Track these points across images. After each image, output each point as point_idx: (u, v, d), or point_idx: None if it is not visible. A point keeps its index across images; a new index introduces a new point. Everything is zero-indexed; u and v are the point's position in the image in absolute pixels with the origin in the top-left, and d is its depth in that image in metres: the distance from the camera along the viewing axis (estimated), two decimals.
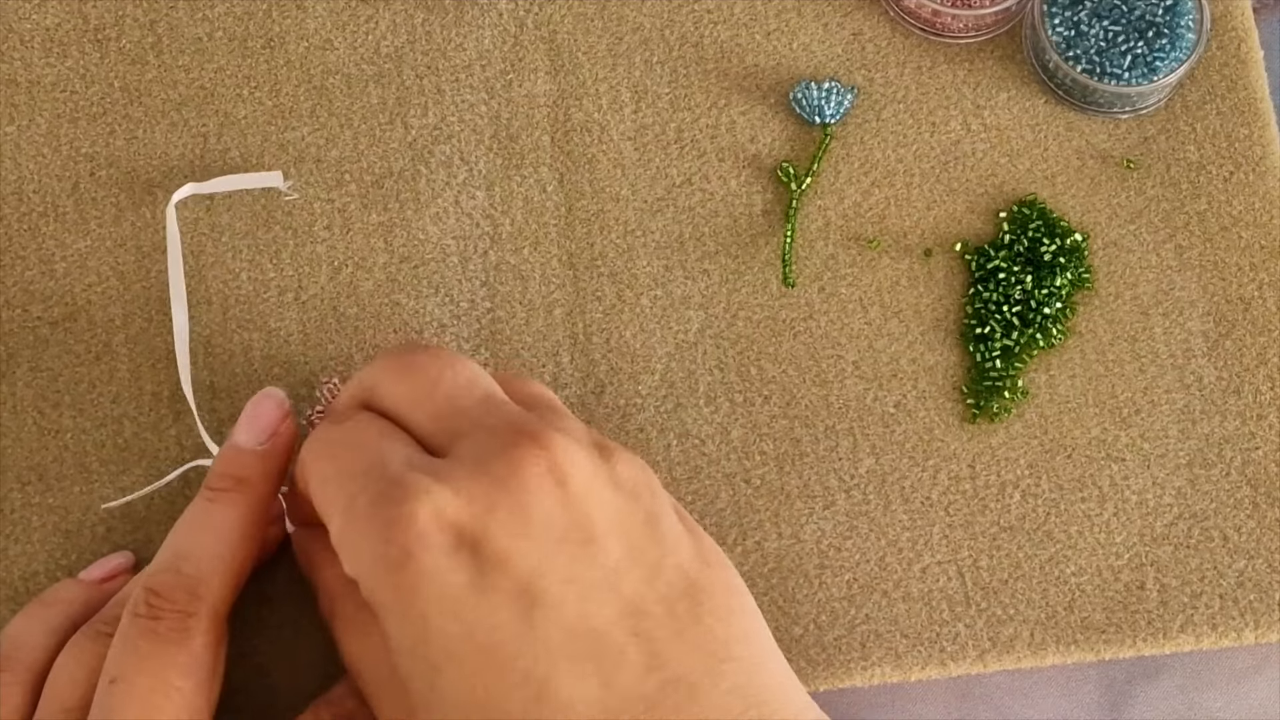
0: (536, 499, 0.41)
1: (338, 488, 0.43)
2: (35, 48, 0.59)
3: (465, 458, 0.42)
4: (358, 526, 0.41)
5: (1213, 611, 0.54)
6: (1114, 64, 0.57)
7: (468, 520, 0.41)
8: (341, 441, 0.44)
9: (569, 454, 0.42)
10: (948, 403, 0.56)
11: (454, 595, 0.40)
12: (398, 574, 0.40)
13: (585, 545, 0.41)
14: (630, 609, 0.41)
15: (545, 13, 0.60)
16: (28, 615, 0.50)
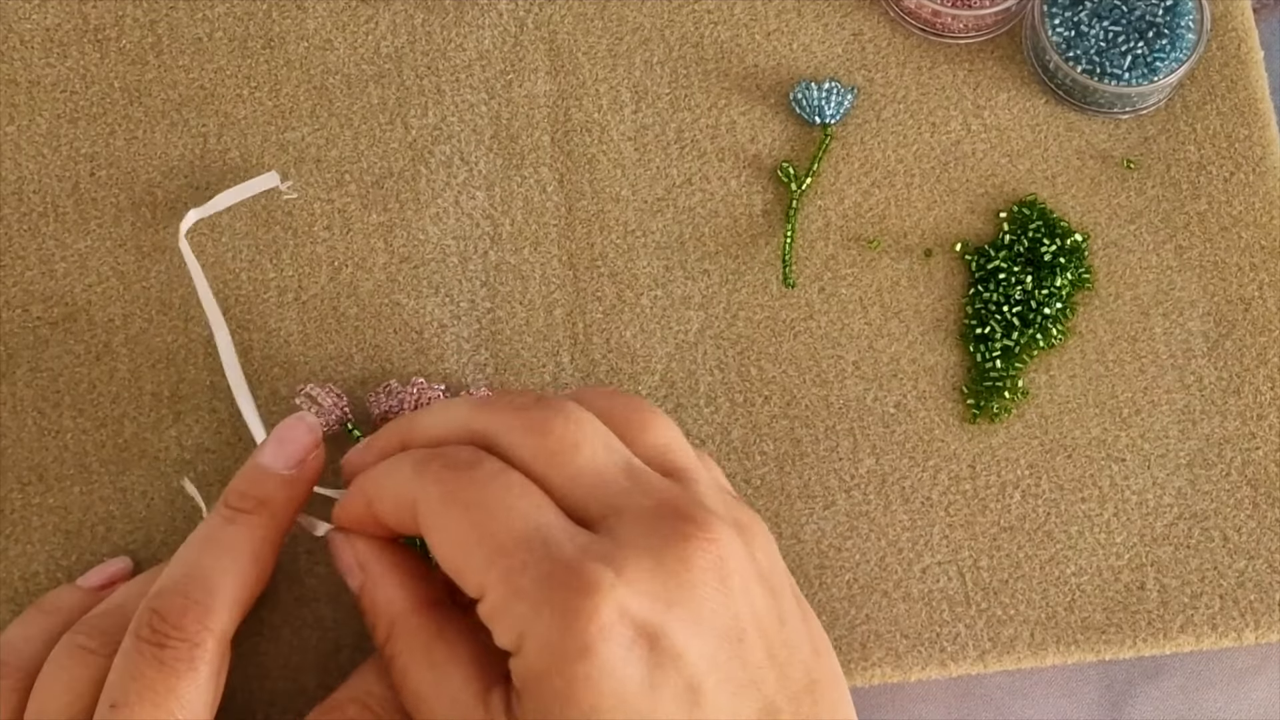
0: (705, 595, 0.41)
1: (488, 555, 0.42)
2: (35, 48, 0.59)
3: (636, 545, 0.41)
4: (527, 605, 0.41)
5: (1213, 612, 0.54)
6: (1114, 64, 0.57)
7: (648, 616, 0.41)
8: (481, 502, 0.43)
9: (730, 546, 0.42)
10: (948, 403, 0.56)
11: (627, 690, 0.40)
12: (575, 663, 0.40)
13: (738, 644, 0.42)
14: (768, 708, 0.42)
15: (545, 13, 0.60)
16: (25, 622, 0.49)
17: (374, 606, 0.46)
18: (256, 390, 0.55)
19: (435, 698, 0.44)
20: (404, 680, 0.45)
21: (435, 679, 0.44)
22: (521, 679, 0.41)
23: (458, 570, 0.42)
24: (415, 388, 0.54)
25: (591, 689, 0.40)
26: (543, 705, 0.41)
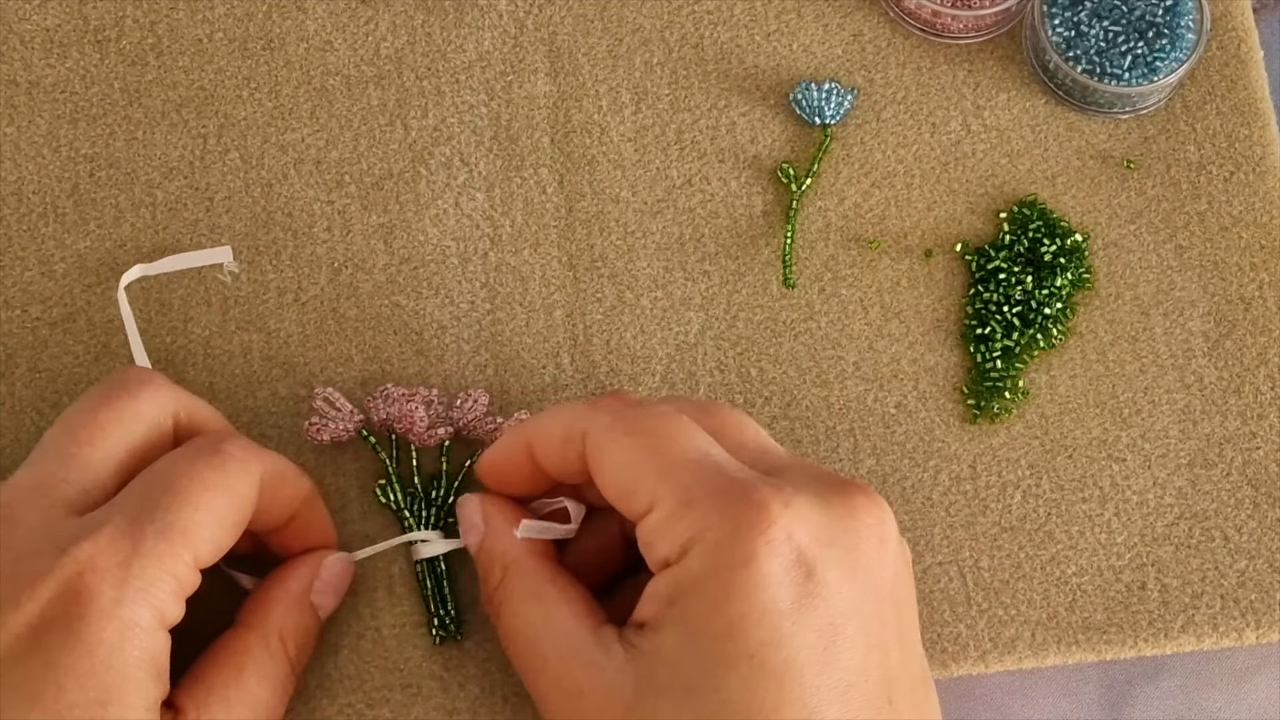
0: (864, 548, 0.44)
1: (660, 470, 0.44)
2: (35, 49, 0.59)
3: (804, 488, 0.44)
4: (699, 514, 0.43)
5: (1214, 612, 0.54)
6: (1114, 64, 0.57)
7: (809, 546, 0.43)
8: (654, 430, 0.45)
9: (890, 517, 0.45)
10: (948, 403, 0.56)
11: (776, 608, 0.42)
12: (736, 569, 0.42)
13: (879, 605, 0.44)
14: (886, 680, 0.43)
15: (545, 14, 0.60)
16: None
17: (491, 555, 0.49)
18: (256, 392, 0.55)
19: (546, 634, 0.46)
20: (514, 620, 0.47)
21: (546, 616, 0.46)
22: (674, 587, 0.43)
23: (627, 490, 0.45)
24: (414, 393, 0.54)
25: (744, 597, 0.42)
26: (690, 612, 0.43)
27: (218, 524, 0.45)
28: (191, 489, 0.45)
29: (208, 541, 0.45)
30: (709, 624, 0.42)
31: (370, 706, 0.52)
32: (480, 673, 0.53)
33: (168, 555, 0.44)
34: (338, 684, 0.52)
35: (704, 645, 0.42)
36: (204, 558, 0.45)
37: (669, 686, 0.43)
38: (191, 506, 0.45)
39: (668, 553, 0.44)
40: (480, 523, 0.50)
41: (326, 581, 0.51)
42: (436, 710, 0.52)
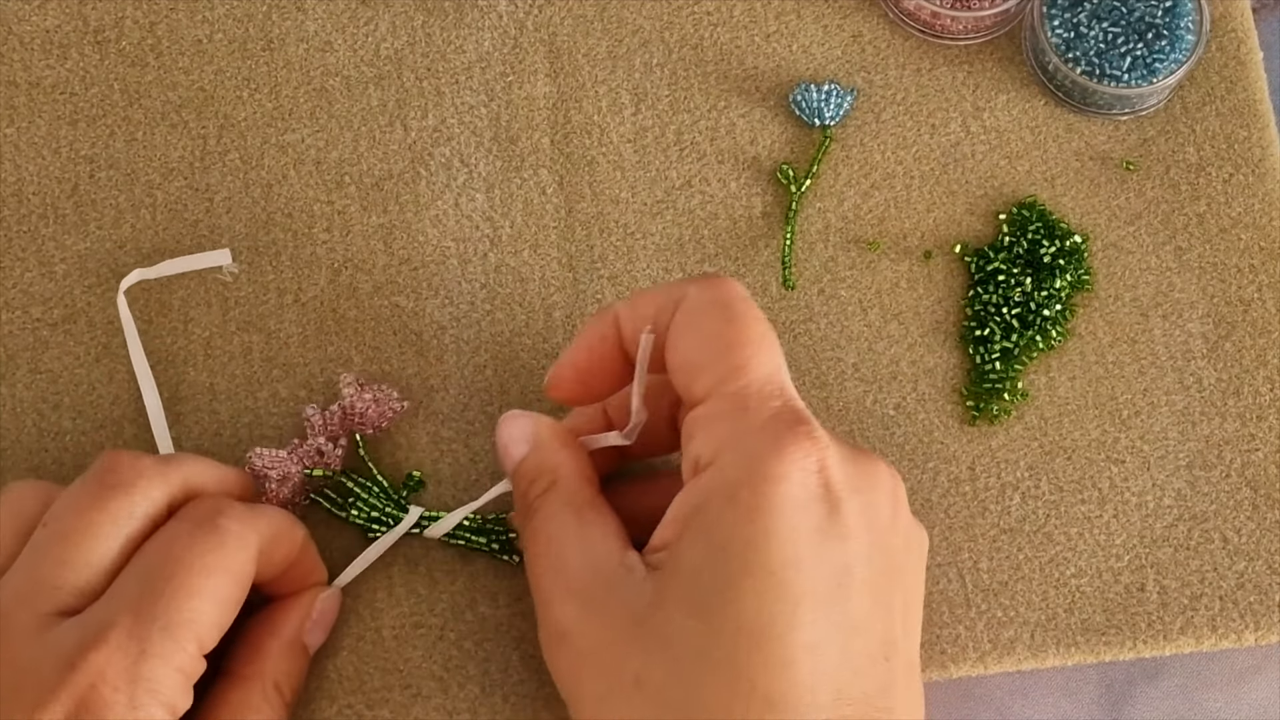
0: (881, 506, 0.46)
1: (732, 365, 0.45)
2: (35, 50, 0.59)
3: (837, 442, 0.45)
4: (747, 422, 0.44)
5: (1213, 613, 0.54)
6: (1113, 65, 0.57)
7: (838, 484, 0.44)
8: (742, 315, 0.46)
9: (904, 493, 0.47)
10: (947, 405, 0.56)
11: (799, 532, 0.43)
12: (770, 484, 0.43)
13: (889, 567, 0.45)
14: (888, 639, 0.45)
15: (545, 15, 0.60)
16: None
17: (540, 468, 0.49)
18: (257, 392, 0.55)
19: (576, 544, 0.47)
20: (548, 525, 0.48)
21: (581, 533, 0.47)
22: (702, 495, 0.44)
23: (695, 366, 0.46)
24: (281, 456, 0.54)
25: (774, 513, 0.43)
26: (717, 521, 0.43)
27: (220, 608, 0.45)
28: (191, 578, 0.45)
29: (212, 627, 0.45)
30: (736, 534, 0.43)
31: (370, 707, 0.52)
32: (480, 673, 0.53)
33: (174, 652, 0.44)
34: (337, 685, 0.52)
35: (726, 556, 0.43)
36: (207, 643, 0.45)
37: (684, 598, 0.43)
38: (195, 597, 0.44)
39: (702, 450, 0.45)
40: (526, 438, 0.50)
41: (318, 620, 0.51)
42: (436, 710, 0.52)
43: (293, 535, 0.49)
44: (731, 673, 0.42)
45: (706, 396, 0.45)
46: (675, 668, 0.43)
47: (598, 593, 0.45)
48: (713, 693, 0.42)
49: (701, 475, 0.45)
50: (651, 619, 0.44)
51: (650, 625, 0.44)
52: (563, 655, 0.46)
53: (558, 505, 0.48)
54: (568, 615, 0.46)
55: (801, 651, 0.42)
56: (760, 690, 0.42)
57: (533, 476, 0.49)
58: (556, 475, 0.49)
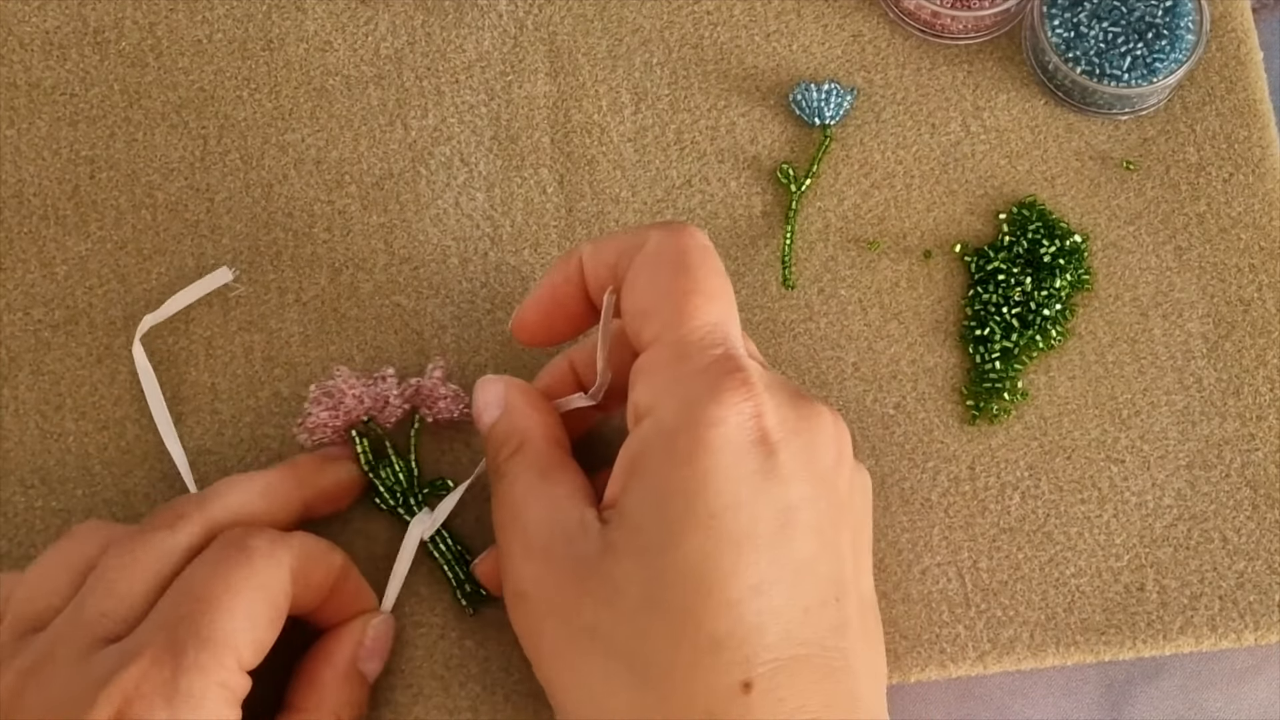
0: (823, 451, 0.46)
1: (680, 314, 0.46)
2: (35, 51, 0.59)
3: (776, 389, 0.46)
4: (688, 370, 0.45)
5: (1212, 613, 0.54)
6: (1113, 65, 0.57)
7: (775, 429, 0.44)
8: (698, 266, 0.46)
9: (848, 439, 0.48)
10: (947, 404, 0.56)
11: (739, 473, 0.44)
12: (707, 428, 0.44)
13: (834, 508, 0.46)
14: (839, 583, 0.45)
15: (545, 14, 0.60)
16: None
17: (509, 430, 0.49)
18: (258, 392, 0.55)
19: (539, 505, 0.47)
20: (514, 486, 0.48)
21: (545, 492, 0.47)
22: (642, 444, 0.45)
23: (645, 310, 0.46)
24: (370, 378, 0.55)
25: (711, 456, 0.43)
26: (655, 468, 0.44)
27: (255, 624, 0.45)
28: (223, 596, 0.45)
29: (248, 645, 0.45)
30: (673, 479, 0.44)
31: (372, 707, 0.52)
32: (481, 672, 0.53)
33: (211, 665, 0.43)
34: None
35: (666, 502, 0.44)
36: (247, 660, 0.45)
37: (630, 546, 0.44)
38: (227, 613, 0.44)
39: (641, 398, 0.45)
40: (499, 402, 0.50)
41: (371, 648, 0.51)
42: (438, 710, 0.52)
43: (329, 558, 0.49)
44: (678, 616, 0.43)
45: (656, 340, 0.46)
46: (624, 614, 0.43)
47: (556, 550, 0.46)
48: (661, 636, 0.43)
49: (641, 424, 0.45)
50: (600, 568, 0.44)
51: (600, 575, 0.44)
52: (522, 613, 0.47)
53: (523, 467, 0.48)
54: (527, 574, 0.46)
55: (746, 592, 0.43)
56: (706, 631, 0.42)
57: (501, 440, 0.49)
58: (524, 438, 0.49)
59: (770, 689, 0.43)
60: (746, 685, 0.43)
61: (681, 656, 0.43)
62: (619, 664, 0.43)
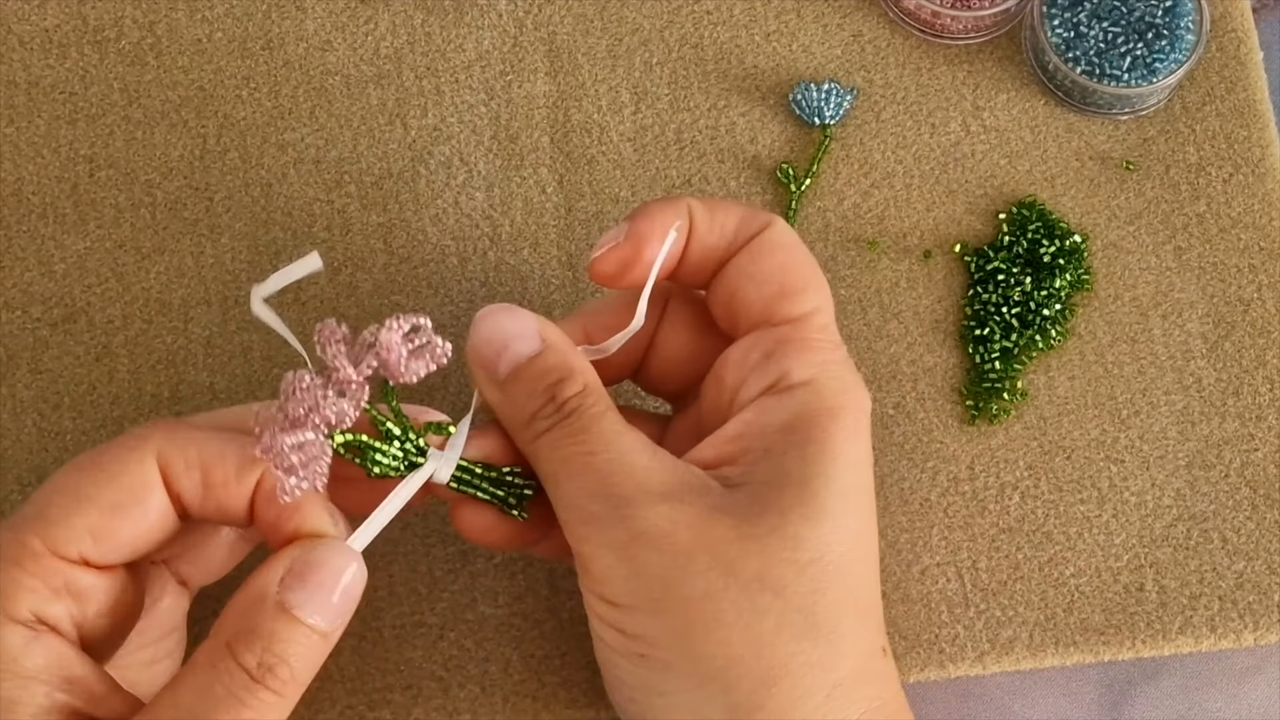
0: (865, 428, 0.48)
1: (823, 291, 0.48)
2: (34, 49, 0.59)
3: None
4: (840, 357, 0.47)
5: (1212, 613, 0.54)
6: (1113, 65, 0.57)
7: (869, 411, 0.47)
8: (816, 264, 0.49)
9: None
10: (947, 404, 0.56)
11: (866, 442, 0.47)
12: (864, 415, 0.46)
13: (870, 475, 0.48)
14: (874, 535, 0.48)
15: (545, 14, 0.60)
16: None
17: (564, 366, 0.45)
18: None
19: (646, 453, 0.44)
20: (598, 429, 0.44)
21: (642, 438, 0.45)
22: (803, 408, 0.45)
23: (796, 287, 0.47)
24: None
25: (865, 439, 0.46)
26: (827, 436, 0.44)
27: (87, 506, 0.40)
28: (58, 475, 0.41)
29: (75, 529, 0.40)
30: (847, 451, 0.45)
31: (371, 708, 0.52)
32: (480, 673, 0.53)
33: (11, 545, 0.39)
34: (338, 685, 0.52)
35: (841, 472, 0.44)
36: (73, 544, 0.40)
37: (797, 509, 0.44)
38: (50, 489, 0.41)
39: (794, 369, 0.45)
40: (534, 334, 0.45)
41: (297, 573, 0.41)
42: (437, 711, 0.52)
43: (232, 458, 0.43)
44: (849, 580, 0.44)
45: (814, 314, 0.47)
46: (803, 572, 0.43)
47: (689, 495, 0.44)
48: (834, 597, 0.44)
49: (794, 392, 0.45)
50: (765, 523, 0.43)
51: (767, 529, 0.43)
52: (654, 557, 0.43)
53: (605, 407, 0.45)
54: (661, 515, 0.43)
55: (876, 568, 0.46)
56: (865, 598, 0.45)
57: (559, 375, 0.45)
58: (586, 378, 0.45)
59: (892, 657, 0.46)
60: (884, 650, 0.45)
61: (847, 617, 0.44)
62: (797, 615, 0.43)
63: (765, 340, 0.46)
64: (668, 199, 0.47)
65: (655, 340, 0.49)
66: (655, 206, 0.47)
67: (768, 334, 0.46)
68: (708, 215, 0.47)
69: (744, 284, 0.47)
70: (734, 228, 0.47)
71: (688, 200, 0.47)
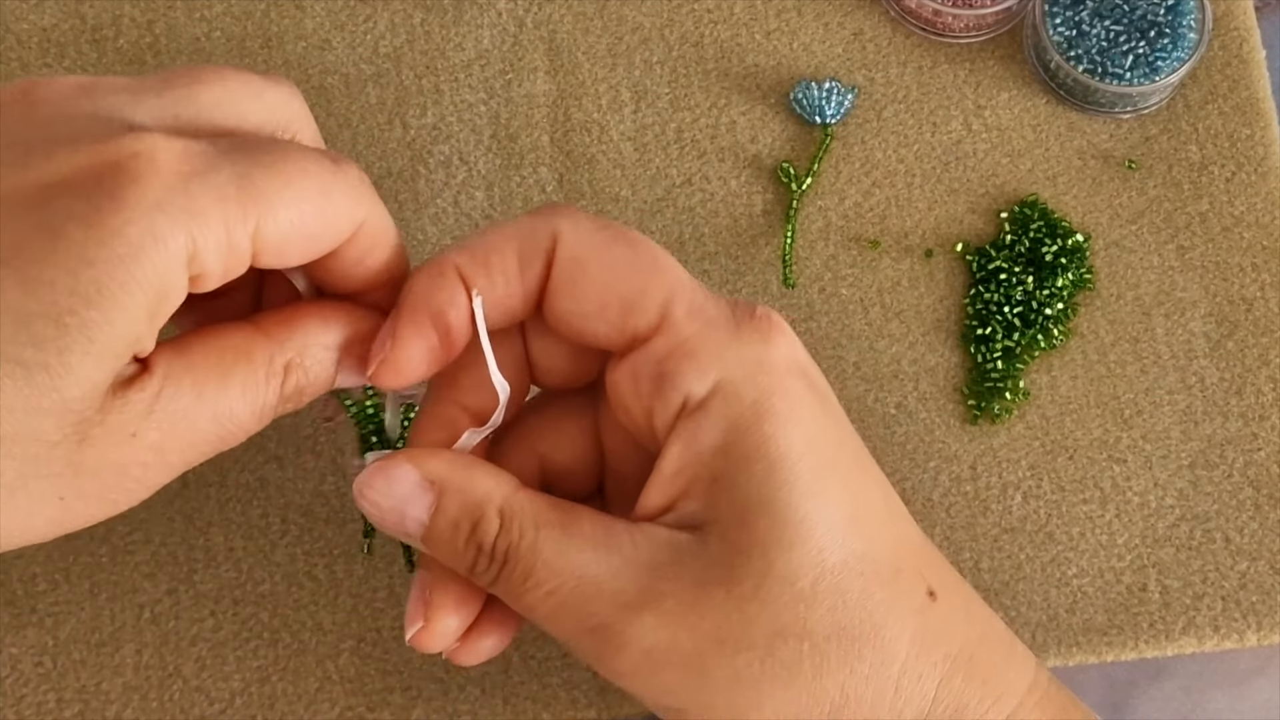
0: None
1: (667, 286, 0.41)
2: (33, 48, 0.59)
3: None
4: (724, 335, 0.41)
5: (1215, 613, 0.54)
6: (1115, 64, 0.57)
7: (805, 362, 0.42)
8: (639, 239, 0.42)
9: None
10: (949, 404, 0.56)
11: (812, 412, 0.41)
12: (787, 378, 0.41)
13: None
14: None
15: (545, 12, 0.60)
16: None
17: (468, 508, 0.41)
18: None
19: (594, 560, 0.40)
20: (536, 556, 0.40)
21: (584, 540, 0.41)
22: (729, 425, 0.40)
23: (627, 303, 0.41)
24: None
25: (801, 403, 0.41)
26: (759, 446, 0.40)
27: (299, 215, 0.39)
28: (293, 171, 0.39)
29: (279, 224, 0.39)
30: (794, 446, 0.40)
31: (371, 709, 0.52)
32: (480, 674, 0.53)
33: (233, 201, 0.38)
34: (338, 686, 0.52)
35: (801, 472, 0.40)
36: (267, 238, 0.39)
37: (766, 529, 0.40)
38: (284, 180, 0.39)
39: (694, 384, 0.41)
40: (421, 487, 0.42)
41: (368, 355, 0.42)
42: (437, 713, 0.52)
43: (397, 249, 0.43)
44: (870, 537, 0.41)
45: (659, 327, 0.41)
46: (813, 594, 0.40)
47: (667, 585, 0.40)
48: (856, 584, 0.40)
49: (707, 410, 0.40)
50: (752, 572, 0.40)
51: (758, 580, 0.40)
52: (668, 673, 0.40)
53: (534, 528, 0.41)
54: (650, 629, 0.40)
55: (887, 514, 0.43)
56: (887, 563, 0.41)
57: (470, 521, 0.41)
58: (498, 502, 0.41)
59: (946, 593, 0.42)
60: (931, 594, 0.42)
61: (877, 606, 0.40)
62: (828, 643, 0.40)
63: (644, 364, 0.41)
64: (431, 271, 0.42)
65: (535, 366, 0.45)
66: (415, 291, 0.42)
67: (642, 356, 0.41)
68: (483, 271, 0.42)
69: (579, 323, 0.42)
70: (516, 268, 0.42)
71: (453, 261, 0.42)
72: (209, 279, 0.39)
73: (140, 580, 0.53)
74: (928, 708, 0.41)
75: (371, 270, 0.43)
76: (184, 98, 0.40)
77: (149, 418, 0.39)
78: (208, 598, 0.53)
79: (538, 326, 0.44)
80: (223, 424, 0.40)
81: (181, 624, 0.53)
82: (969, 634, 0.42)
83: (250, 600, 0.53)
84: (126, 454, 0.39)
